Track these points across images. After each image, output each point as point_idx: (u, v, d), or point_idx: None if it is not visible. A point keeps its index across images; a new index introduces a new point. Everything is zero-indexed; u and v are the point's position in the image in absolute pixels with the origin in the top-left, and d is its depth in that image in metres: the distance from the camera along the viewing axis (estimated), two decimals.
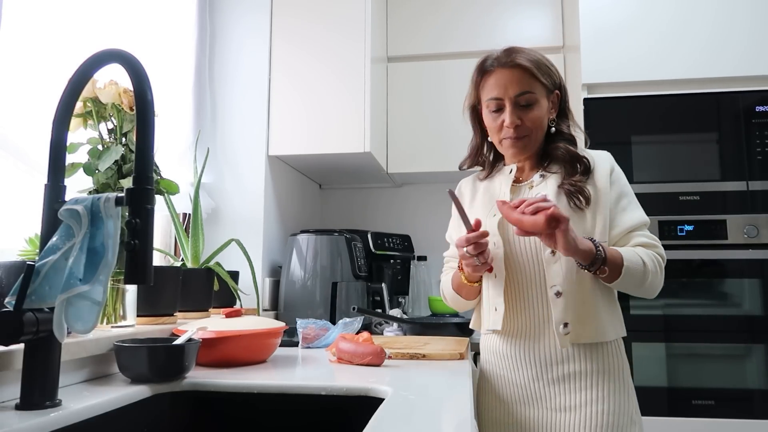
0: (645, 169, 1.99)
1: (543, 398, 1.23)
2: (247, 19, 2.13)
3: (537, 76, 1.25)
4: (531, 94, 1.25)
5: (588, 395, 1.19)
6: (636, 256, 1.19)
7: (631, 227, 1.24)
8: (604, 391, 1.19)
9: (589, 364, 1.20)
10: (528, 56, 1.26)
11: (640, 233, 1.25)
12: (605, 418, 1.17)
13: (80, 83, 0.91)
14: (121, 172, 1.22)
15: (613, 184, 1.27)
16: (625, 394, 1.21)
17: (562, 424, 1.19)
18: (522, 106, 1.25)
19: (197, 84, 2.00)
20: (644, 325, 1.91)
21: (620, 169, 1.31)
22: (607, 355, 1.22)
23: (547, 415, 1.22)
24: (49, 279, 0.81)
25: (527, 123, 1.26)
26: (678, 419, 1.86)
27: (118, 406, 0.94)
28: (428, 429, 0.78)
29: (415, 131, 2.40)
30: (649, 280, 1.19)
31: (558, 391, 1.21)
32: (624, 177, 1.31)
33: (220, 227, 2.00)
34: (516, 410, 1.26)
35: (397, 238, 2.40)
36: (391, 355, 1.34)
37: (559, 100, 1.33)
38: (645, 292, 1.23)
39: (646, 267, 1.18)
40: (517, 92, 1.25)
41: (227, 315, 1.35)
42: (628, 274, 1.16)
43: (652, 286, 1.22)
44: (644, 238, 1.24)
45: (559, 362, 1.21)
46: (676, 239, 1.92)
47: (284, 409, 1.06)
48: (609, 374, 1.20)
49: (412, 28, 2.50)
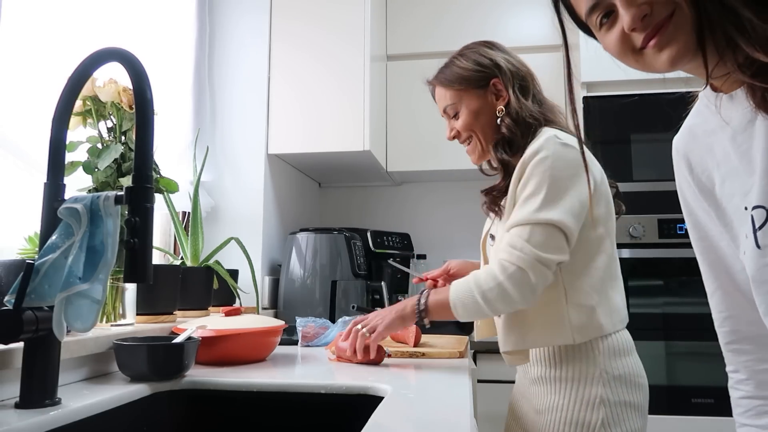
0: (644, 167, 1.99)
1: (525, 397, 1.22)
2: (247, 17, 2.13)
3: (451, 87, 1.28)
4: (451, 105, 1.29)
5: (552, 401, 1.13)
6: (469, 289, 1.10)
7: (506, 229, 1.13)
8: (565, 399, 1.11)
9: (554, 369, 1.13)
10: (443, 72, 1.30)
11: (508, 234, 1.11)
12: (563, 427, 1.09)
13: (80, 81, 0.91)
14: (121, 170, 1.22)
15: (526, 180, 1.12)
16: (588, 405, 1.09)
17: (537, 425, 1.15)
18: (452, 116, 1.31)
19: (197, 83, 1.99)
20: (644, 324, 1.92)
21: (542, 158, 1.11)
22: (574, 361, 1.11)
23: (529, 415, 1.19)
24: (48, 277, 0.81)
25: (460, 130, 1.29)
26: (678, 417, 1.86)
27: (117, 405, 0.94)
28: (428, 427, 0.78)
29: (415, 130, 2.40)
30: (497, 308, 1.09)
31: (534, 392, 1.18)
32: (542, 167, 1.10)
33: (219, 226, 2.00)
34: (514, 407, 1.28)
35: (397, 236, 2.40)
36: (390, 353, 1.35)
37: (504, 84, 1.24)
38: (506, 311, 1.13)
39: (484, 296, 1.08)
40: (443, 108, 1.32)
41: (226, 313, 1.35)
42: (464, 312, 1.11)
43: (506, 308, 1.10)
44: (504, 242, 1.11)
45: (533, 363, 1.18)
46: (675, 237, 1.91)
47: (284, 408, 1.06)
48: (573, 382, 1.11)
49: (412, 26, 2.50)
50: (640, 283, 1.96)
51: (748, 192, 0.64)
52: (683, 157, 0.77)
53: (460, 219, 2.58)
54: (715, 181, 0.71)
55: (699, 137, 0.74)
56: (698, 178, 0.74)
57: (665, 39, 0.63)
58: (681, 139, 0.78)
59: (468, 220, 2.46)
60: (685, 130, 0.78)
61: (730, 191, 0.68)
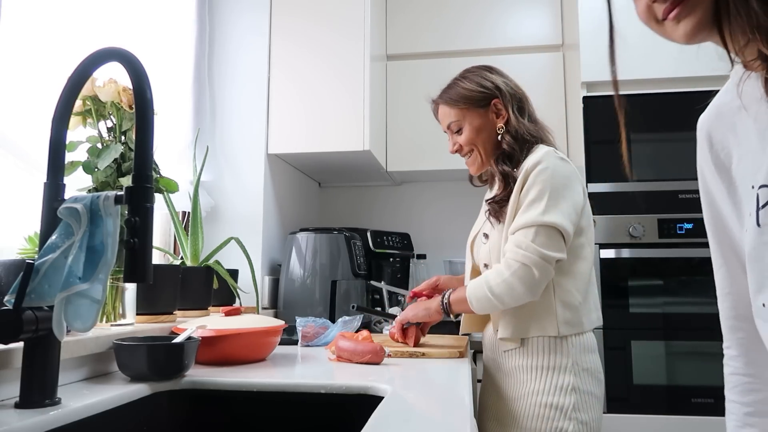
0: (644, 167, 1.99)
1: (500, 387, 1.34)
2: (247, 16, 2.13)
3: (455, 106, 1.41)
4: (455, 122, 1.42)
5: (529, 387, 1.26)
6: (481, 289, 1.25)
7: (512, 231, 1.26)
8: (541, 385, 1.25)
9: (531, 359, 1.27)
10: (447, 92, 1.44)
11: (512, 237, 1.25)
12: (533, 410, 1.24)
13: (79, 81, 0.91)
14: (121, 170, 1.22)
15: (529, 188, 1.26)
16: (559, 390, 1.23)
17: (511, 411, 1.29)
18: (455, 132, 1.43)
19: (196, 82, 1.99)
20: (644, 324, 1.92)
21: (543, 169, 1.25)
22: (543, 352, 1.26)
23: (501, 402, 1.32)
24: (48, 277, 0.81)
25: (463, 144, 1.42)
26: (677, 417, 1.86)
27: (117, 405, 0.94)
28: (427, 427, 0.78)
29: (415, 129, 2.40)
30: (504, 301, 1.23)
31: (510, 382, 1.31)
32: (543, 176, 1.24)
33: (219, 225, 2.00)
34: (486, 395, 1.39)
35: (397, 236, 2.40)
36: (390, 353, 1.35)
37: (504, 105, 1.38)
38: (514, 304, 1.24)
39: (492, 296, 1.23)
40: (447, 125, 1.44)
41: (226, 313, 1.35)
42: (480, 307, 1.27)
43: (513, 301, 1.23)
44: (510, 242, 1.25)
45: (509, 356, 1.31)
46: (675, 237, 1.91)
47: (284, 408, 1.06)
48: (547, 370, 1.25)
49: (412, 26, 2.50)
50: (640, 283, 1.95)
51: (757, 171, 0.65)
52: (706, 134, 0.77)
53: (460, 219, 2.57)
54: (732, 159, 0.72)
55: (724, 115, 0.75)
56: (717, 155, 0.75)
57: (683, 12, 0.66)
58: (706, 117, 0.80)
59: (468, 219, 2.44)
60: (711, 108, 0.79)
61: (744, 170, 0.69)
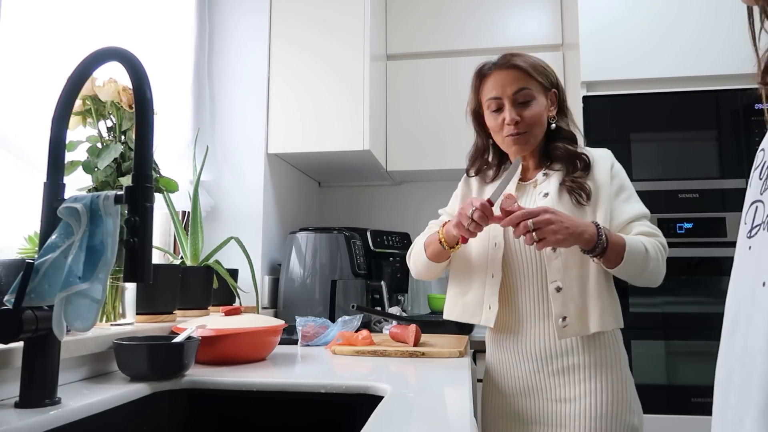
0: (644, 166, 1.99)
1: (543, 390, 1.26)
2: (246, 17, 2.13)
3: (533, 75, 1.30)
4: (528, 91, 1.30)
5: (586, 387, 1.22)
6: (638, 242, 1.20)
7: (631, 218, 1.27)
8: (602, 383, 1.22)
9: (587, 356, 1.23)
10: (523, 58, 1.33)
11: (640, 223, 1.27)
12: (604, 408, 1.20)
13: (79, 81, 0.91)
14: (121, 170, 1.22)
15: (614, 178, 1.30)
16: (622, 384, 1.23)
17: (561, 414, 1.23)
18: (520, 103, 1.30)
19: (196, 82, 1.99)
20: (644, 323, 1.92)
21: (620, 166, 1.34)
22: (604, 347, 1.25)
23: (547, 405, 1.25)
24: (48, 277, 0.81)
25: (526, 119, 1.30)
26: (677, 417, 1.86)
27: (117, 404, 0.94)
28: (427, 427, 0.78)
29: (415, 129, 2.40)
30: (650, 267, 1.20)
31: (558, 383, 1.24)
32: (624, 172, 1.34)
33: (219, 225, 2.00)
34: (517, 401, 1.30)
35: (397, 236, 2.40)
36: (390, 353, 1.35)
37: (557, 98, 1.36)
38: (647, 279, 1.23)
39: (648, 253, 1.19)
40: (515, 90, 1.29)
41: (226, 313, 1.35)
42: (630, 259, 1.17)
43: (654, 273, 1.22)
44: (645, 227, 1.26)
45: (558, 355, 1.25)
46: (675, 237, 1.91)
47: (284, 407, 1.06)
48: (606, 366, 1.23)
49: (411, 26, 2.49)
50: None
51: None
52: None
53: None
54: None
55: None
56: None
57: None
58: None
59: None
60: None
61: None
